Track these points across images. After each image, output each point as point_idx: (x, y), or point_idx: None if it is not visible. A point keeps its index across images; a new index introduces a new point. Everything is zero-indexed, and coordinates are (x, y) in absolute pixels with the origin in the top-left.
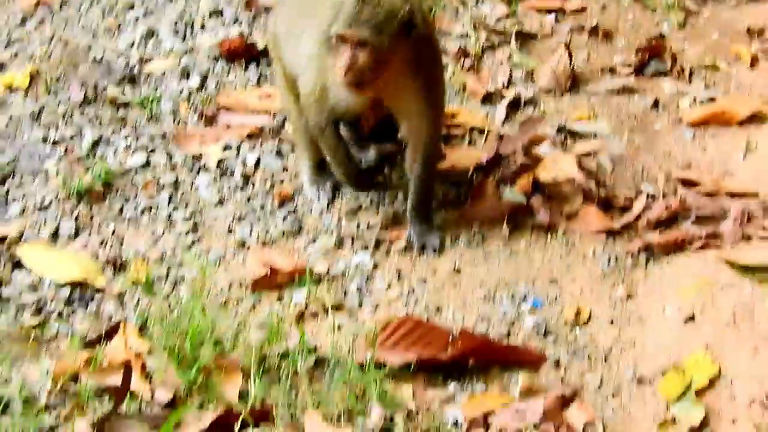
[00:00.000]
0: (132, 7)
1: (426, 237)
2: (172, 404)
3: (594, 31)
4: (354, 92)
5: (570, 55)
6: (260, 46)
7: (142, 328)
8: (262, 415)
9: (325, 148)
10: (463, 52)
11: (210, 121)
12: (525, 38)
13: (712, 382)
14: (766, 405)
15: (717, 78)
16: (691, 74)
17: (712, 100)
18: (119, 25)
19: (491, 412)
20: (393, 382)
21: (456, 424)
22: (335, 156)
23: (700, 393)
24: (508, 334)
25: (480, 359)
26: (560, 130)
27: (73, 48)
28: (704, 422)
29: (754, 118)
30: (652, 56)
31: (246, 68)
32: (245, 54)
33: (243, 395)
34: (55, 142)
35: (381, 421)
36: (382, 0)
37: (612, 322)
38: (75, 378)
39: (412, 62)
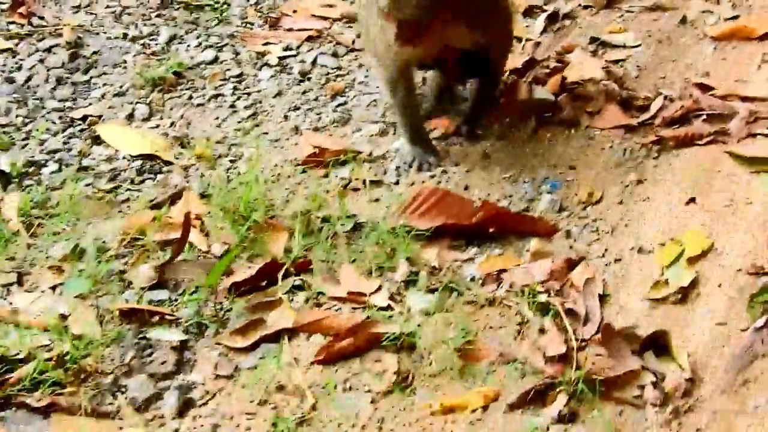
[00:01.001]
0: None
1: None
2: (225, 256)
3: None
4: (411, 47)
5: None
6: None
7: (203, 196)
8: (303, 266)
9: (395, 103)
10: None
11: (274, 24)
12: None
13: (704, 253)
14: (750, 273)
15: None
16: None
17: (735, 17)
18: None
19: (504, 270)
20: (420, 244)
21: (472, 279)
22: (403, 114)
23: (692, 261)
24: (527, 210)
25: (498, 227)
26: (593, 40)
27: None
28: (693, 284)
29: None
30: None
31: None
32: None
33: (288, 251)
34: (133, 39)
35: (406, 275)
36: None
37: (621, 202)
38: (142, 233)
39: (470, 7)
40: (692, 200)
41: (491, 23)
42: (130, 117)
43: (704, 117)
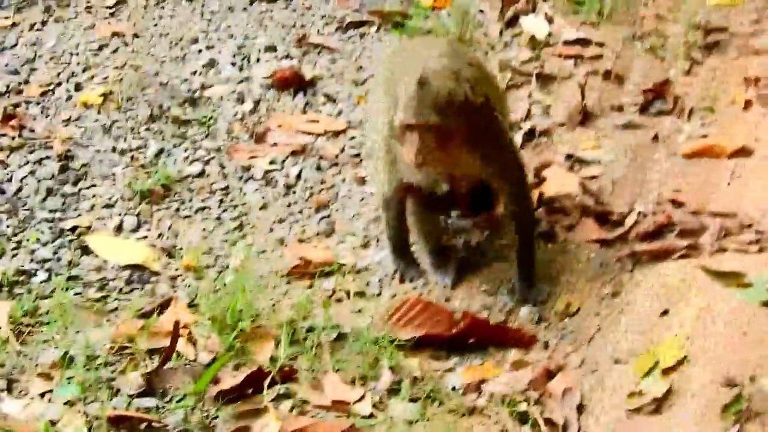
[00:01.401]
0: (196, 41)
1: (528, 293)
2: (213, 364)
3: (607, 74)
4: (422, 169)
5: (583, 94)
6: (308, 77)
7: (191, 305)
8: (289, 375)
9: (385, 219)
10: None
11: (259, 139)
12: (545, 79)
13: (678, 364)
14: (723, 385)
15: (713, 118)
16: (690, 114)
17: (705, 136)
18: (184, 56)
19: (485, 380)
20: (402, 354)
21: (454, 388)
22: (391, 229)
23: (666, 372)
24: (506, 321)
25: (479, 337)
26: (569, 156)
27: (142, 73)
28: (667, 395)
29: (742, 152)
30: (657, 97)
31: (294, 96)
32: (294, 84)
33: (273, 359)
34: (123, 152)
35: (389, 383)
36: (439, 84)
37: (597, 314)
38: (131, 340)
39: (473, 134)
40: (666, 312)
41: (497, 154)
42: (119, 228)
43: (677, 232)
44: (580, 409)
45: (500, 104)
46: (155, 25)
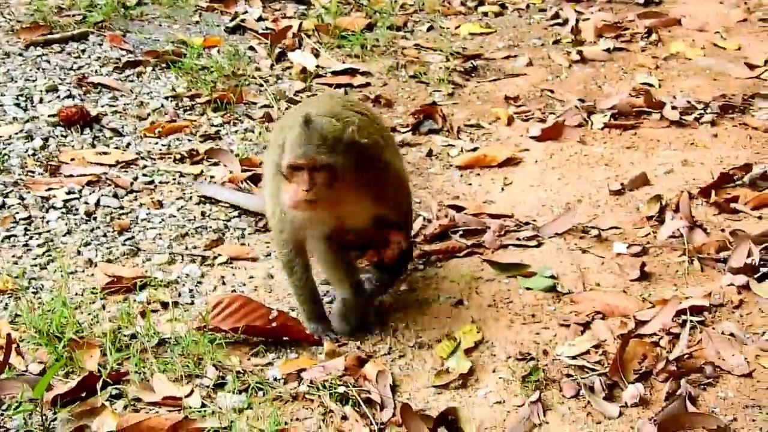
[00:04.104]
0: None
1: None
2: (47, 372)
3: (377, 99)
4: (308, 211)
5: None
6: (93, 113)
7: (12, 322)
8: (119, 377)
9: (292, 284)
10: (268, 117)
11: (54, 171)
12: None
13: (477, 345)
14: (518, 359)
15: (480, 133)
16: (459, 131)
17: (475, 149)
18: None
19: (303, 370)
20: (223, 353)
21: (276, 379)
22: (301, 293)
23: (467, 352)
24: None
25: (292, 336)
26: None
27: None
28: (471, 372)
29: (510, 161)
30: (426, 118)
31: (82, 132)
32: (80, 121)
33: (102, 366)
34: None
35: (215, 379)
36: (323, 126)
37: (397, 309)
38: None
39: (361, 175)
40: (460, 302)
41: (387, 194)
42: None
43: (461, 233)
44: (393, 389)
45: (389, 146)
46: None
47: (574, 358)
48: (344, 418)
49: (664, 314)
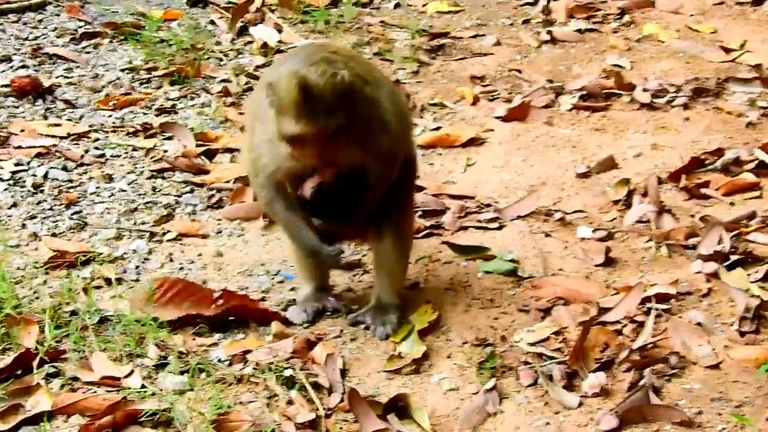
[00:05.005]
0: None
1: (381, 319)
2: None
3: None
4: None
5: None
6: (46, 84)
7: None
8: (56, 355)
9: (281, 224)
10: (226, 92)
11: (2, 142)
12: None
13: (432, 329)
14: (475, 344)
15: (444, 113)
16: (422, 110)
17: (438, 128)
18: None
19: (249, 351)
20: (166, 331)
21: (220, 360)
22: (291, 229)
23: (422, 336)
24: (263, 300)
25: (239, 315)
26: None
27: None
28: (425, 356)
29: (474, 141)
30: None
31: (34, 103)
32: (33, 92)
33: (40, 343)
34: None
35: (157, 359)
36: (319, 84)
37: (351, 291)
38: None
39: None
40: (416, 285)
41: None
42: None
43: (420, 213)
44: (343, 373)
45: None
46: None
47: (532, 345)
48: (290, 402)
49: (629, 301)
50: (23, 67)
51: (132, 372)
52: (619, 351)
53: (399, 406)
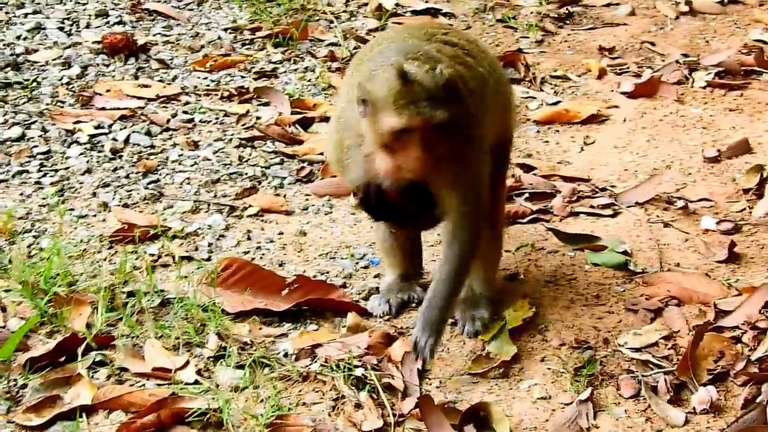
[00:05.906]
0: (22, 5)
1: (471, 313)
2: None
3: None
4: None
5: None
6: (140, 42)
7: (1, 270)
8: (105, 341)
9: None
10: (332, 57)
11: (86, 103)
12: None
13: (526, 327)
14: (573, 347)
15: (566, 86)
16: (542, 82)
17: (557, 103)
18: (9, 20)
19: (319, 345)
20: (230, 318)
21: (286, 354)
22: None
23: (515, 333)
24: (344, 286)
25: (314, 304)
26: None
27: None
28: (515, 358)
29: (594, 118)
30: (507, 65)
31: (126, 62)
32: (125, 49)
33: (90, 326)
34: None
35: (216, 350)
36: (421, 74)
37: None
38: None
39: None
40: (514, 276)
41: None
42: None
43: (527, 195)
44: (422, 374)
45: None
46: None
47: (638, 350)
48: (358, 405)
49: (751, 304)
50: (119, 23)
51: (187, 363)
52: (735, 362)
53: (479, 416)
